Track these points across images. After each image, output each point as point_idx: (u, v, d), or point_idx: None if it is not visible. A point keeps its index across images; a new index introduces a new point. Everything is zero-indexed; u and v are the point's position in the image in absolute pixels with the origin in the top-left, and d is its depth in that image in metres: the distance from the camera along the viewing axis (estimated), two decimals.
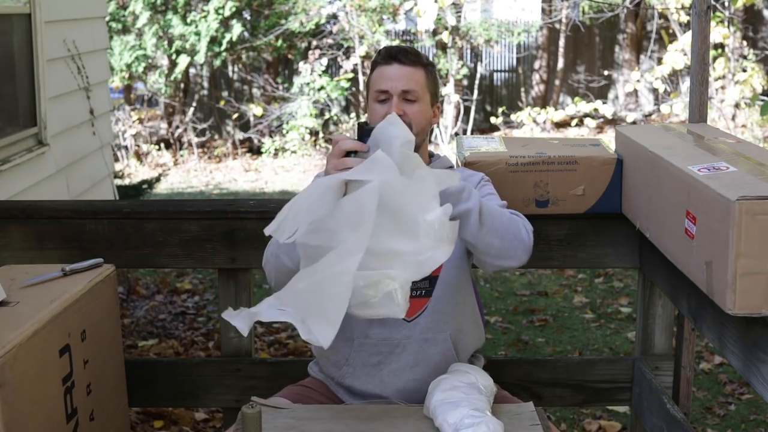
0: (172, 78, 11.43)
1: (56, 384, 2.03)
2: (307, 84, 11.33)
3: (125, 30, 11.29)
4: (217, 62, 11.72)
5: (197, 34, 11.05)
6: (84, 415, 2.17)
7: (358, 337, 2.16)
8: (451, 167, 2.33)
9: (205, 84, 12.94)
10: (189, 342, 4.67)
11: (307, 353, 4.36)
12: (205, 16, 11.04)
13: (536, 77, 13.59)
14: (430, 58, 3.58)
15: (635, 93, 13.15)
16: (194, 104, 12.34)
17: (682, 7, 9.67)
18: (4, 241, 2.62)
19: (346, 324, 2.16)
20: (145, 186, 6.86)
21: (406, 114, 2.15)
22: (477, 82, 11.97)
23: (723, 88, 10.43)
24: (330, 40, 11.68)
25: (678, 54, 9.49)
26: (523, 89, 13.60)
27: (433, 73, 2.24)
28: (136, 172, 10.57)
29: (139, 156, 11.39)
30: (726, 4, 9.76)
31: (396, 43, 11.91)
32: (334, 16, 11.93)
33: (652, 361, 2.68)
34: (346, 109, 12.50)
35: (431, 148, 9.19)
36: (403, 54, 2.19)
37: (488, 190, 2.24)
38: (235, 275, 2.66)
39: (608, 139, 9.50)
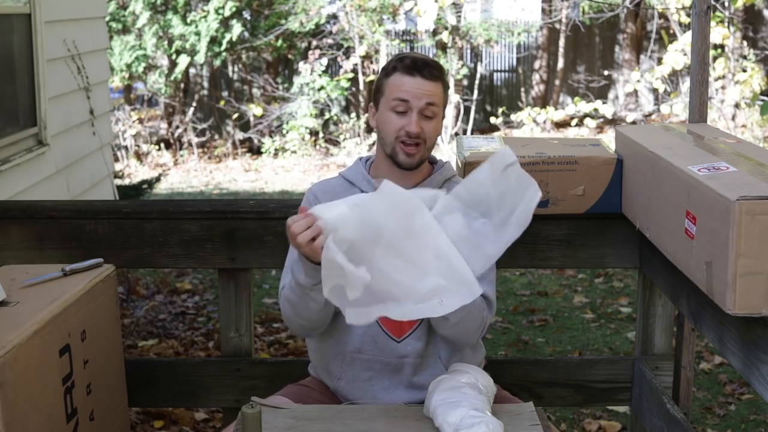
0: (172, 78, 11.43)
1: (56, 384, 2.03)
2: (307, 84, 11.33)
3: (125, 30, 11.29)
4: (217, 62, 11.72)
5: (197, 34, 11.05)
6: (84, 415, 2.17)
7: (350, 351, 2.17)
8: (454, 176, 2.30)
9: (205, 84, 12.94)
10: (189, 342, 4.66)
11: (307, 353, 4.35)
12: (205, 16, 11.05)
13: (536, 77, 13.59)
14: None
15: (635, 93, 13.15)
16: (194, 104, 12.34)
17: (682, 7, 9.67)
18: (4, 241, 2.62)
19: (340, 339, 2.16)
20: (145, 186, 6.85)
21: (423, 131, 2.12)
22: (477, 82, 11.97)
23: (723, 88, 10.44)
24: (330, 40, 11.68)
25: (678, 54, 9.49)
26: (523, 89, 13.59)
27: (447, 85, 2.22)
28: (136, 172, 10.57)
29: (139, 156, 11.39)
30: (726, 4, 9.76)
31: (396, 43, 11.91)
32: (334, 16, 11.93)
33: (652, 361, 2.68)
34: (346, 109, 12.50)
35: None
36: (428, 68, 2.12)
37: None
38: (235, 275, 2.66)
39: (608, 139, 9.51)
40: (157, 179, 7.24)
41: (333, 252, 1.74)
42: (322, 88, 11.30)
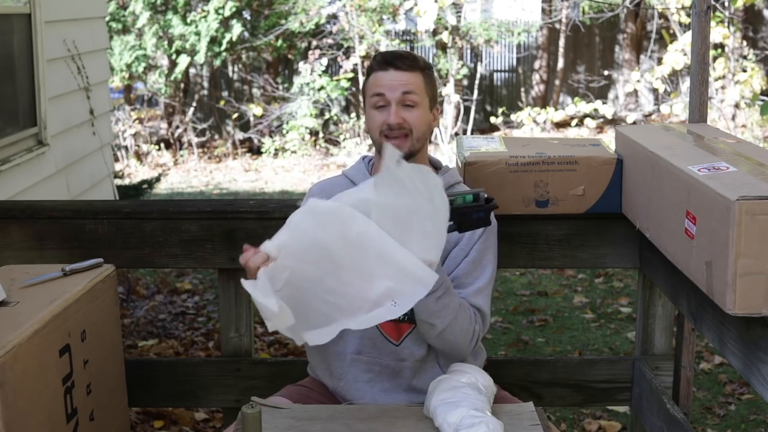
0: (172, 78, 11.43)
1: (56, 384, 2.03)
2: (307, 84, 11.33)
3: (125, 30, 11.30)
4: (217, 62, 11.72)
5: (197, 34, 11.05)
6: (84, 415, 2.17)
7: (350, 353, 2.17)
8: (459, 183, 2.29)
9: (205, 84, 12.95)
10: (189, 342, 4.67)
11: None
12: (205, 16, 11.05)
13: (536, 77, 13.59)
14: (430, 59, 3.56)
15: (635, 93, 13.15)
16: (194, 104, 12.34)
17: (682, 7, 9.67)
18: (4, 241, 2.62)
19: (341, 340, 2.16)
20: (145, 186, 6.85)
21: (406, 120, 2.11)
22: (477, 82, 11.97)
23: (723, 88, 10.43)
24: (330, 40, 11.68)
25: (678, 54, 9.49)
26: (523, 89, 13.60)
27: (431, 76, 2.20)
28: (136, 172, 10.57)
29: (139, 156, 11.40)
30: (726, 4, 9.77)
31: (396, 43, 11.92)
32: (334, 16, 11.93)
33: (652, 361, 2.68)
34: (346, 109, 12.51)
35: (431, 148, 9.15)
36: (399, 59, 2.13)
37: (489, 243, 2.18)
38: (235, 275, 2.66)
39: (608, 139, 9.50)
40: (157, 179, 7.24)
41: (251, 284, 1.75)
42: (322, 88, 11.30)
